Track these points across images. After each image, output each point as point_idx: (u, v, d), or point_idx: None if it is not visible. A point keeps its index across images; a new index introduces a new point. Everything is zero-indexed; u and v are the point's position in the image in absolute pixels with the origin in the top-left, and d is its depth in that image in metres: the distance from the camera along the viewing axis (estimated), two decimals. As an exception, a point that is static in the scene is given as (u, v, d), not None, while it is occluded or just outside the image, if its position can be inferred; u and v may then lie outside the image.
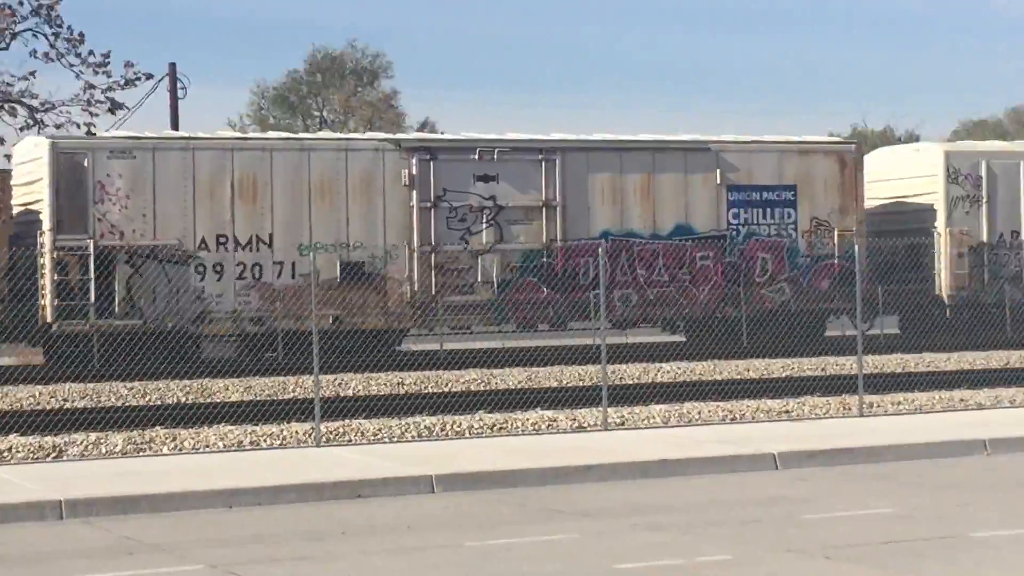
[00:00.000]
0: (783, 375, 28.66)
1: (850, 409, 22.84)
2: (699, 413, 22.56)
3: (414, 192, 32.41)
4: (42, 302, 30.01)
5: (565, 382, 27.88)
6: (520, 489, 16.63)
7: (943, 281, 36.20)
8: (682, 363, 31.40)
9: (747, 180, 34.68)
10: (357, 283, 31.66)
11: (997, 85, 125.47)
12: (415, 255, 32.31)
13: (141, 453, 19.08)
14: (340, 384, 27.79)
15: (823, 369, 30.16)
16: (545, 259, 33.15)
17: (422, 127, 69.94)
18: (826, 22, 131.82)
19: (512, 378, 28.80)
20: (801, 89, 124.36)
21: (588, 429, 21.04)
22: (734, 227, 34.52)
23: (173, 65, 46.92)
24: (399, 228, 32.28)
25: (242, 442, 19.79)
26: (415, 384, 28.00)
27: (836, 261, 35.06)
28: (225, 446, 19.55)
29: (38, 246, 30.17)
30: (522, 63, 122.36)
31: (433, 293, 32.36)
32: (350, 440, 20.04)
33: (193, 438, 20.01)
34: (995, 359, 32.24)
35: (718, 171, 34.38)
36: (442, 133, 51.16)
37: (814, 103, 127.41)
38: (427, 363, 31.24)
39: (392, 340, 32.47)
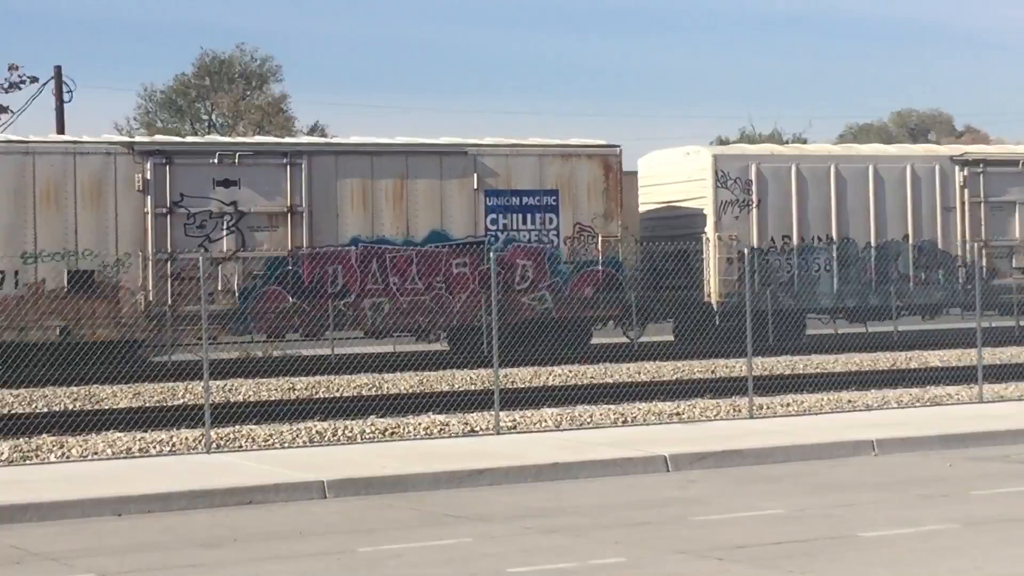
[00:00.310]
0: (674, 378, 28.84)
1: (740, 411, 23.01)
2: (591, 416, 22.63)
3: (148, 197, 31.33)
4: None
5: (457, 386, 27.85)
6: (413, 494, 16.60)
7: (712, 287, 35.71)
8: (574, 366, 31.47)
9: (506, 185, 33.88)
10: (87, 293, 30.41)
11: (883, 90, 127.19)
12: (150, 263, 31.22)
13: (28, 461, 18.83)
14: (230, 390, 27.59)
15: (713, 372, 30.38)
16: (290, 267, 32.16)
17: (312, 131, 69.57)
18: (715, 26, 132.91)
19: (404, 382, 28.76)
20: (689, 92, 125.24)
21: (480, 433, 21.04)
22: (493, 233, 33.72)
23: (59, 68, 46.47)
24: (132, 235, 31.17)
25: (131, 449, 19.59)
26: (306, 389, 27.87)
27: (600, 268, 34.40)
28: (114, 453, 19.35)
29: None
30: (416, 66, 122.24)
31: (169, 303, 31.21)
32: (241, 446, 19.91)
33: (81, 445, 19.77)
34: (882, 361, 32.60)
35: (476, 175, 33.61)
36: (334, 137, 50.84)
37: (702, 107, 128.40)
38: (319, 368, 31.09)
39: (126, 352, 31.01)
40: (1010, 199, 38.60)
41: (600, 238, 34.41)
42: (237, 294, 31.77)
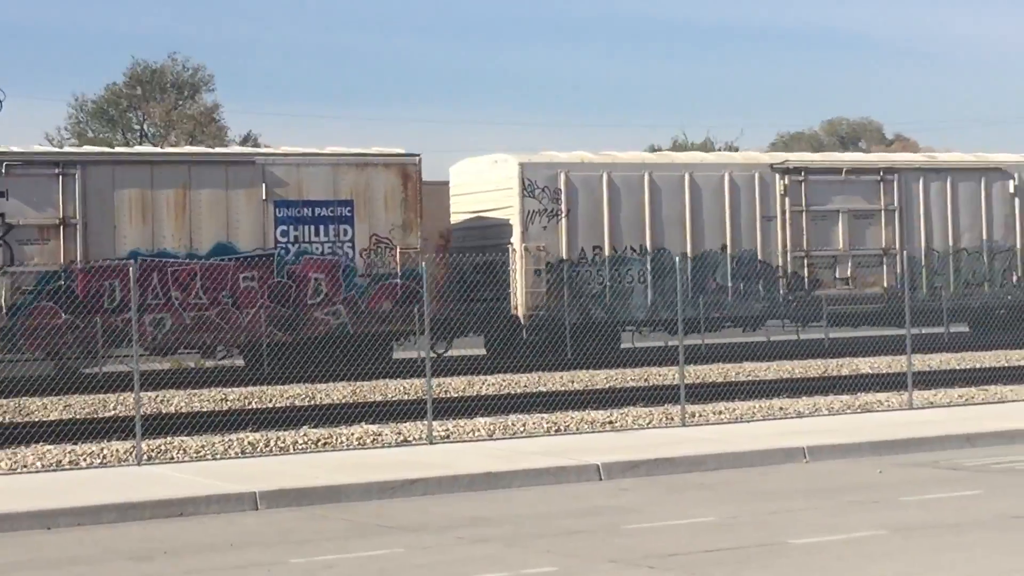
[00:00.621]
0: (607, 386, 28.89)
1: (672, 419, 23.06)
2: (524, 425, 22.63)
3: None
4: None
5: (390, 396, 27.82)
6: (346, 504, 16.57)
7: (519, 300, 34.71)
8: (507, 375, 31.48)
9: (297, 195, 32.58)
10: None
11: (815, 98, 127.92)
12: None
13: (-44, 474, 18.66)
14: (162, 401, 27.44)
15: (646, 380, 30.45)
16: (63, 282, 30.82)
17: (244, 141, 69.34)
18: (647, 35, 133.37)
19: (337, 392, 28.67)
20: (622, 102, 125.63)
21: (413, 443, 21.01)
22: (283, 245, 32.48)
23: (-13, 78, 46.10)
24: None
25: (61, 461, 19.44)
26: (239, 400, 27.76)
27: (399, 281, 33.21)
28: (43, 466, 19.18)
29: None
30: (348, 75, 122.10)
31: None
32: (172, 458, 19.79)
33: (10, 458, 19.60)
34: (813, 368, 32.76)
35: (264, 186, 32.27)
36: (267, 147, 50.55)
37: (635, 116, 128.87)
38: (251, 379, 30.95)
39: None
40: (833, 208, 37.84)
41: (398, 250, 33.30)
42: (5, 311, 30.53)
